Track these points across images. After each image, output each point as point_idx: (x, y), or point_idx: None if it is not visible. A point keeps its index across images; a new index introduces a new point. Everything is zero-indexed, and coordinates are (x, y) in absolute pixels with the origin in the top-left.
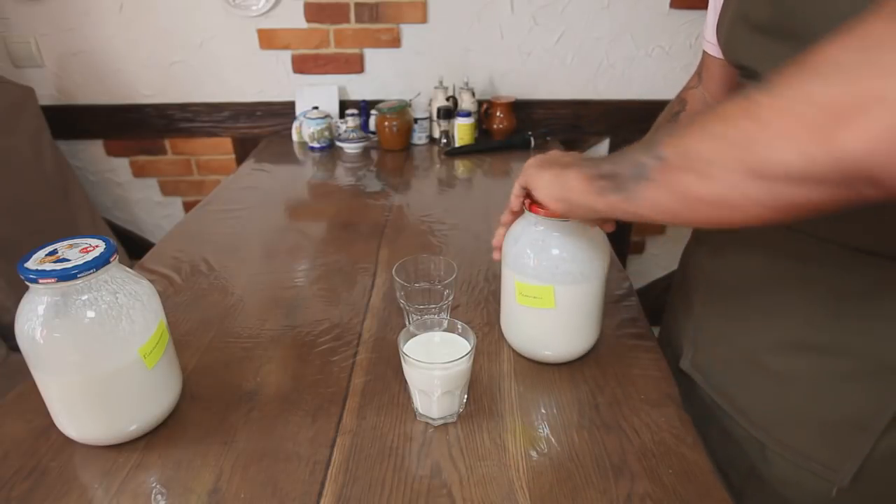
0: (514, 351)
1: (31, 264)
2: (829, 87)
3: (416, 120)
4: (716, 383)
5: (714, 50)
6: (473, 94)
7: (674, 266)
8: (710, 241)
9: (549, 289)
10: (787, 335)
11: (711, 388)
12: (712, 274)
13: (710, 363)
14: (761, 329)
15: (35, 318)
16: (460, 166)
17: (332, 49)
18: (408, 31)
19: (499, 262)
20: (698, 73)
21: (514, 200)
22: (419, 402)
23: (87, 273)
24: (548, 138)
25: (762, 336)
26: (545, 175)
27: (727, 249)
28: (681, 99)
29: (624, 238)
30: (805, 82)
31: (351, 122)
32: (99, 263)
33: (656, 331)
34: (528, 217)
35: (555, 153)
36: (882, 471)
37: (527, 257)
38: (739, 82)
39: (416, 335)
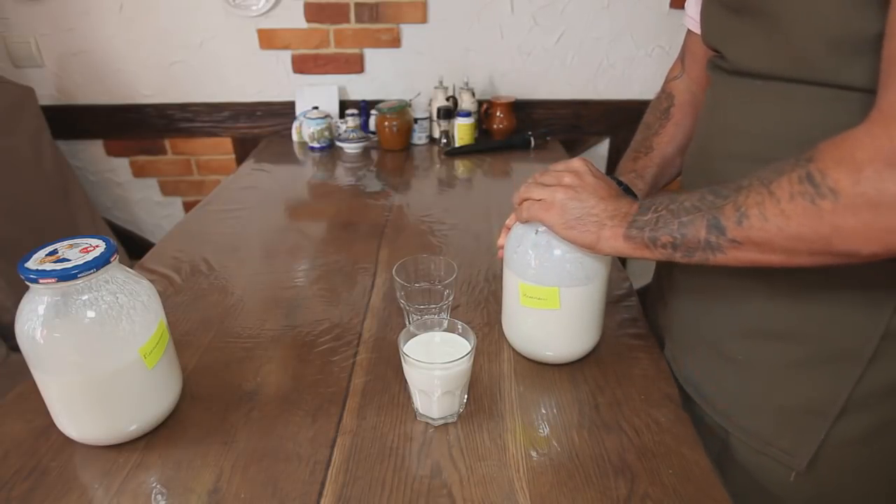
0: (514, 351)
1: (32, 264)
2: (883, 189)
3: (416, 120)
4: (686, 373)
5: (696, 26)
6: (473, 94)
7: None
8: None
9: (554, 290)
10: (748, 323)
11: (682, 378)
12: (680, 265)
13: (681, 353)
14: (725, 318)
15: (35, 318)
16: (460, 166)
17: (332, 49)
18: (408, 31)
19: (498, 262)
20: (681, 59)
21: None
22: (419, 402)
23: (87, 273)
24: (548, 138)
25: (725, 324)
26: (585, 236)
27: None
28: (667, 94)
29: None
30: (856, 185)
31: (351, 122)
32: (99, 263)
33: None
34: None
35: (559, 197)
36: (836, 455)
37: (530, 259)
38: (707, 71)
39: (416, 335)
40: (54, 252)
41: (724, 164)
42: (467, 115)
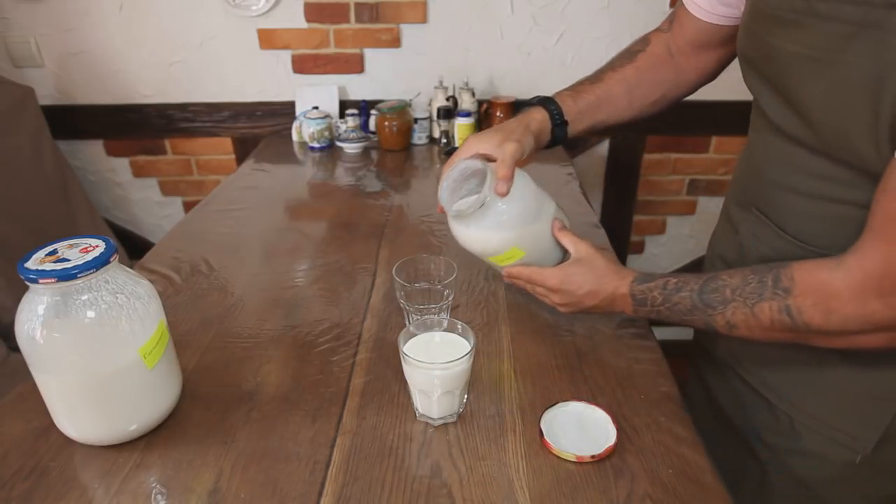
0: (514, 351)
1: (31, 264)
2: (845, 326)
3: (416, 120)
4: (748, 367)
5: (696, 10)
6: (473, 94)
7: (673, 266)
8: (743, 234)
9: (513, 250)
10: None
11: (745, 371)
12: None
13: (742, 349)
14: None
15: (35, 318)
16: None
17: (332, 49)
18: (408, 31)
19: (501, 270)
20: (669, 21)
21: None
22: (419, 402)
23: (87, 273)
24: None
25: None
26: (590, 301)
27: (760, 248)
28: (645, 39)
29: (624, 238)
30: (826, 323)
31: (351, 122)
32: (99, 263)
33: (656, 331)
34: (452, 213)
35: (564, 309)
36: None
37: (482, 242)
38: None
39: (416, 335)
40: (54, 252)
41: (779, 192)
42: (467, 115)
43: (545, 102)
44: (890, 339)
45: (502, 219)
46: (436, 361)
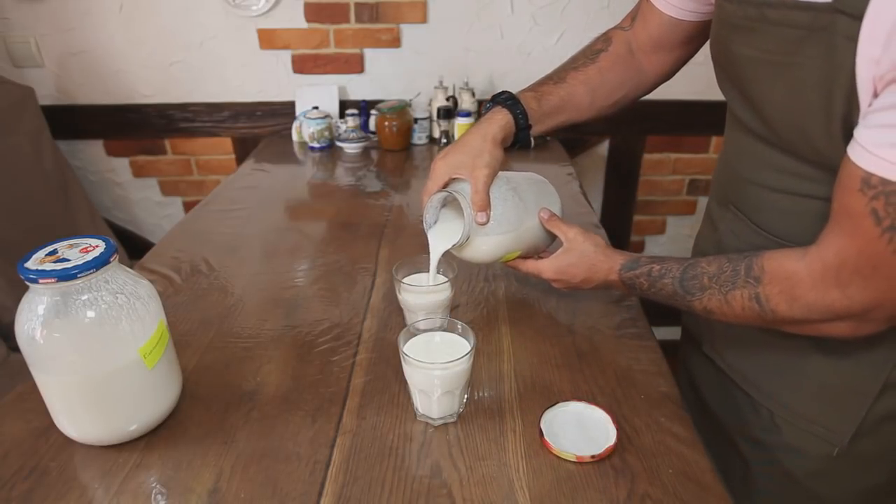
0: (514, 351)
1: (31, 264)
2: (808, 315)
3: (416, 120)
4: (731, 362)
5: (663, 5)
6: (473, 94)
7: None
8: (722, 231)
9: (514, 253)
10: None
11: (727, 367)
12: None
13: (725, 345)
14: None
15: (35, 318)
16: None
17: (332, 49)
18: (408, 31)
19: (499, 263)
20: (632, 17)
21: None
22: (419, 402)
23: (87, 273)
24: (548, 138)
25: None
26: (585, 286)
27: (738, 244)
28: (606, 38)
29: (624, 238)
30: (790, 310)
31: (351, 122)
32: (99, 263)
33: (656, 331)
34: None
35: (563, 289)
36: (875, 431)
37: (476, 259)
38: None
39: (416, 335)
40: (54, 252)
41: (753, 189)
42: (467, 115)
43: (510, 104)
44: (854, 327)
45: (490, 238)
46: (436, 361)
